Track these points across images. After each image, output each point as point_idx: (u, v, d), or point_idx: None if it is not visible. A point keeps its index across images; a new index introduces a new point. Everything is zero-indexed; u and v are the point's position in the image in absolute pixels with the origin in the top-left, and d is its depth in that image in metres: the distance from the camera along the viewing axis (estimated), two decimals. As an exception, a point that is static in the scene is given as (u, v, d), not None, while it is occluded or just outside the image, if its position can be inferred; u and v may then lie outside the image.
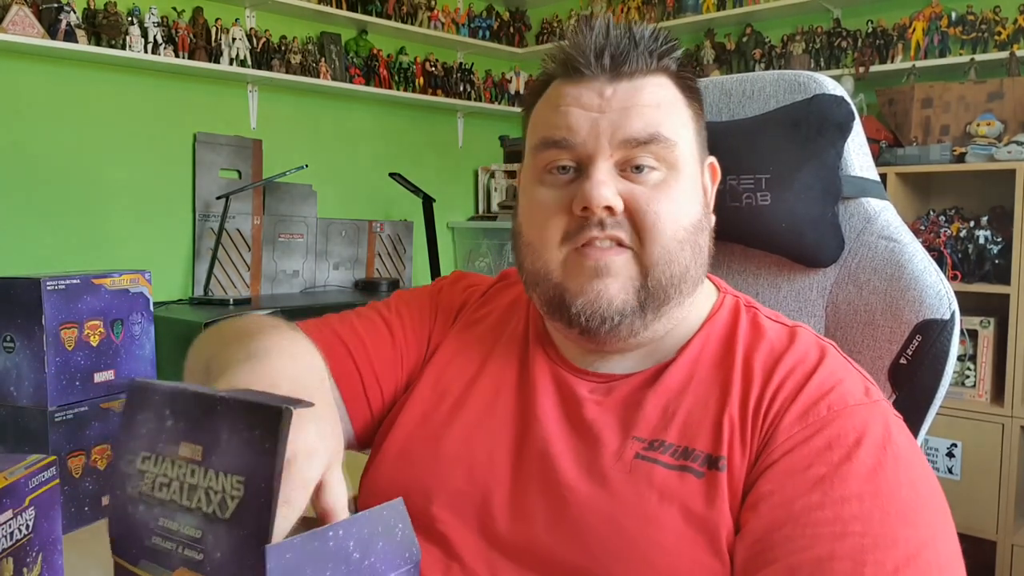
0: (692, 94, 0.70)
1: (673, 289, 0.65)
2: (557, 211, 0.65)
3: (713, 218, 0.71)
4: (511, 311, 0.79)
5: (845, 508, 0.54)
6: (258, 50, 2.74)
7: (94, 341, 0.91)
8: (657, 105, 0.65)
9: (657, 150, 0.64)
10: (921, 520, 0.55)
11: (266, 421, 0.40)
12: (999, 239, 2.18)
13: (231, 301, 2.46)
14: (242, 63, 2.67)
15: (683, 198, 0.66)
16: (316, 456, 0.46)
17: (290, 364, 0.59)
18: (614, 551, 0.60)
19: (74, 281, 0.88)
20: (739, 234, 0.87)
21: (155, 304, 1.02)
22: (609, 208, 0.63)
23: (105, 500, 0.93)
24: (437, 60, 3.33)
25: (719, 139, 0.88)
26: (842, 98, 0.85)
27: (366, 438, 0.77)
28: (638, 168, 0.64)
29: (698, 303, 0.71)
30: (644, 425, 0.65)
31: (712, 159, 0.73)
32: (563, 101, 0.66)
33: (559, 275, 0.66)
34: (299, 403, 0.40)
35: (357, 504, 0.74)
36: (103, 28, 2.35)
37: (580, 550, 0.60)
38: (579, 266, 0.65)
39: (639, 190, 0.64)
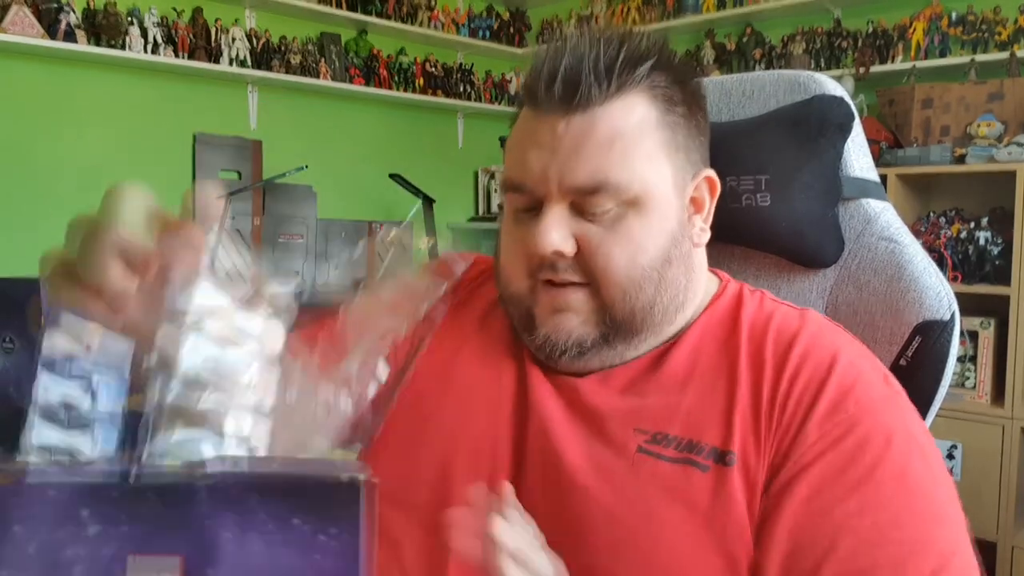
0: (676, 104, 0.65)
1: (639, 323, 0.65)
2: (522, 249, 0.66)
3: (707, 234, 0.70)
4: (496, 307, 0.77)
5: (882, 514, 0.55)
6: (258, 50, 2.74)
7: (94, 342, 0.91)
8: (611, 142, 0.61)
9: (608, 196, 0.62)
10: (949, 517, 0.56)
11: (322, 501, 0.26)
12: (999, 240, 2.18)
13: (231, 301, 2.46)
14: (242, 63, 2.67)
15: (643, 235, 0.63)
16: None
17: None
18: (616, 549, 0.59)
19: (74, 282, 0.88)
20: (739, 235, 0.87)
21: (155, 305, 1.02)
22: (558, 252, 0.62)
23: (104, 501, 0.93)
24: (437, 60, 3.33)
25: (719, 140, 0.87)
26: (842, 98, 0.85)
27: None
28: (592, 210, 0.63)
29: (696, 301, 0.70)
30: (647, 416, 0.63)
31: (709, 172, 0.69)
32: (522, 137, 0.66)
33: (529, 300, 0.67)
34: (360, 468, 0.28)
35: None
36: (103, 28, 2.35)
37: (581, 547, 0.60)
38: (542, 298, 0.65)
39: (592, 231, 0.63)
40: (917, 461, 0.58)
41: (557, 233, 0.62)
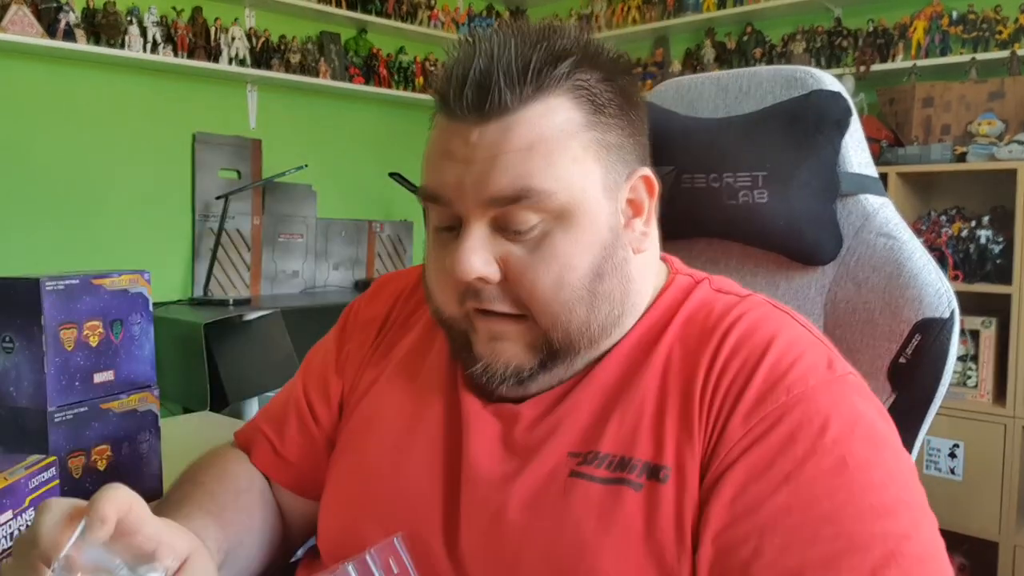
0: (603, 104, 0.59)
1: (576, 343, 0.60)
2: (447, 273, 0.60)
3: (650, 237, 0.65)
4: (425, 332, 0.73)
5: (814, 510, 0.50)
6: (257, 49, 2.74)
7: (93, 341, 0.91)
8: (531, 147, 0.56)
9: (531, 205, 0.56)
10: (900, 509, 0.51)
11: None
12: (1000, 239, 2.18)
13: (231, 301, 2.46)
14: (241, 63, 2.67)
15: (570, 252, 0.58)
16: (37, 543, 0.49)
17: None
18: None
19: (73, 281, 0.88)
20: (736, 232, 0.87)
21: (155, 304, 1.02)
22: (482, 279, 0.58)
23: (104, 500, 0.93)
24: (437, 60, 3.33)
25: (715, 136, 0.87)
26: (839, 94, 0.84)
27: None
28: (517, 229, 0.58)
29: (637, 305, 0.64)
30: (577, 435, 0.60)
31: (645, 171, 0.63)
32: (437, 148, 0.60)
33: (465, 326, 0.62)
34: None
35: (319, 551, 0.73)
36: (102, 27, 2.35)
37: None
38: (478, 326, 0.61)
39: (515, 255, 0.58)
40: (859, 446, 0.52)
41: (478, 257, 0.57)
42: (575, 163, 0.58)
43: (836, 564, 0.48)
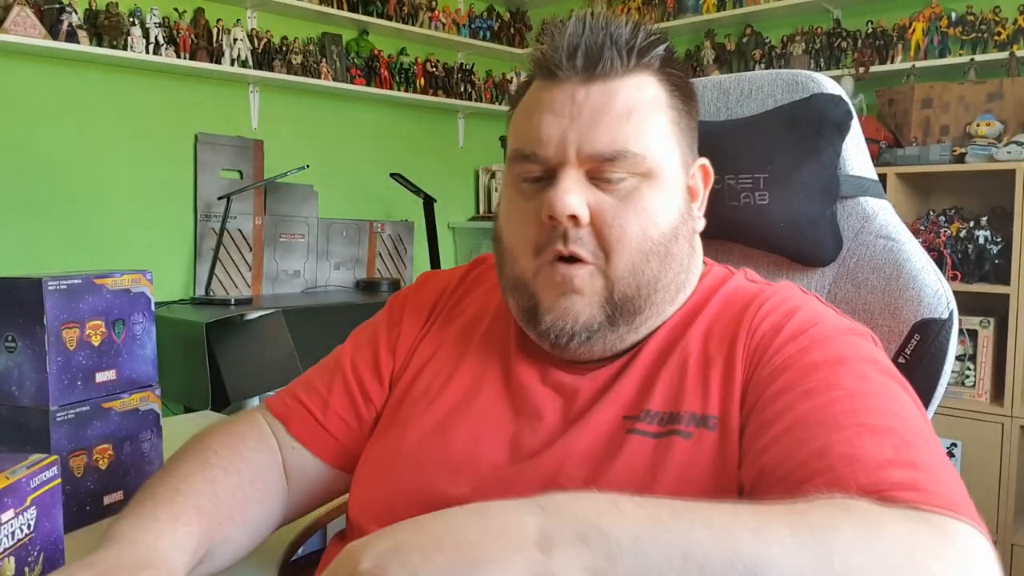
0: (679, 92, 0.68)
1: (643, 300, 0.65)
2: (530, 221, 0.65)
3: (702, 221, 0.71)
4: (488, 301, 0.78)
5: (835, 407, 0.54)
6: (259, 51, 2.74)
7: (95, 341, 0.91)
8: (629, 113, 0.64)
9: (625, 165, 0.63)
10: (911, 418, 0.55)
11: None
12: (999, 239, 2.18)
13: (232, 301, 2.47)
14: (243, 64, 2.68)
15: (655, 207, 0.65)
16: None
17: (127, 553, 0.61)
18: None
19: (75, 281, 0.89)
20: (737, 233, 0.87)
21: (156, 304, 1.02)
22: (574, 218, 0.63)
23: (107, 499, 0.93)
24: (438, 61, 3.33)
25: (717, 138, 0.88)
26: (840, 97, 0.85)
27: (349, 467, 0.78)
28: (608, 179, 0.64)
29: (693, 282, 0.71)
30: (628, 400, 0.65)
31: (704, 161, 0.72)
32: (537, 107, 0.66)
33: (534, 284, 0.66)
34: None
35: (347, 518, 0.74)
36: (104, 29, 2.36)
37: None
38: (549, 280, 0.65)
39: (607, 202, 0.64)
40: (877, 376, 0.57)
41: (575, 196, 0.62)
42: (661, 135, 0.65)
43: (861, 440, 0.51)
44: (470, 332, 0.76)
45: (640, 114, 0.64)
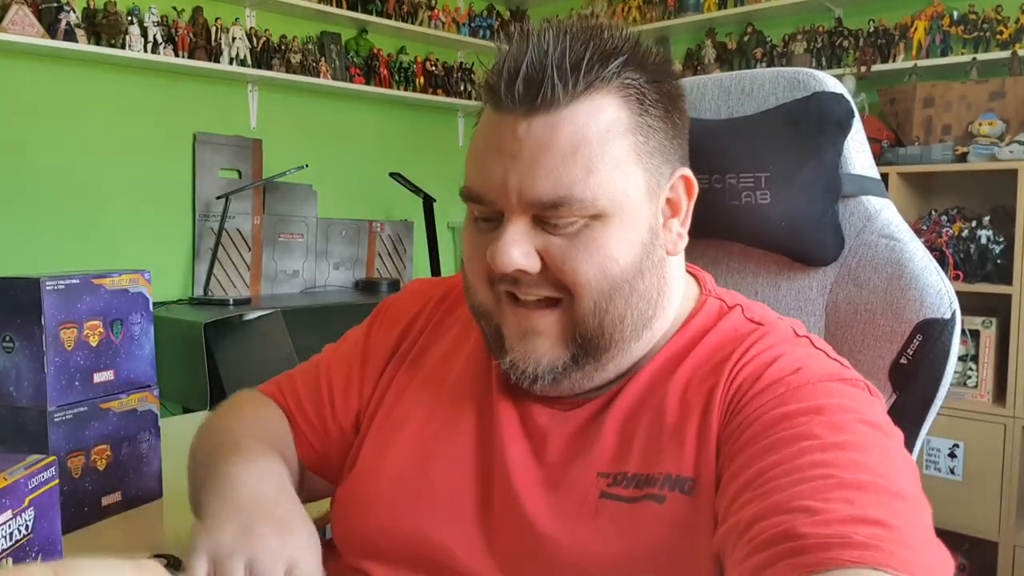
0: (649, 104, 0.60)
1: (607, 339, 0.61)
2: (482, 256, 0.61)
3: (684, 240, 0.65)
4: (470, 327, 0.73)
5: (804, 459, 0.49)
6: (258, 49, 2.74)
7: (93, 341, 0.91)
8: (575, 151, 0.57)
9: (571, 211, 0.57)
10: (894, 478, 0.49)
11: None
12: (1001, 239, 2.18)
13: (231, 301, 2.46)
14: (242, 63, 2.67)
15: (611, 245, 0.59)
16: (234, 556, 0.54)
17: (254, 486, 0.63)
18: None
19: (73, 281, 0.88)
20: (739, 233, 0.87)
21: (155, 304, 1.02)
22: (521, 271, 0.59)
23: (105, 500, 0.93)
24: (437, 60, 3.33)
25: (718, 137, 0.87)
26: (842, 95, 0.84)
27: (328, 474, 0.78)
28: (555, 224, 0.59)
29: (666, 316, 0.66)
30: (606, 456, 0.61)
31: (684, 171, 0.64)
32: (483, 141, 0.61)
33: (497, 316, 0.64)
34: None
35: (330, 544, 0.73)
36: (103, 28, 2.35)
37: None
38: (510, 317, 0.62)
39: (555, 245, 0.59)
40: (860, 428, 0.52)
41: (518, 250, 0.58)
42: (617, 169, 0.58)
43: (826, 494, 0.47)
44: (451, 358, 0.73)
45: (589, 149, 0.57)
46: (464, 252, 0.66)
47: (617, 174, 0.58)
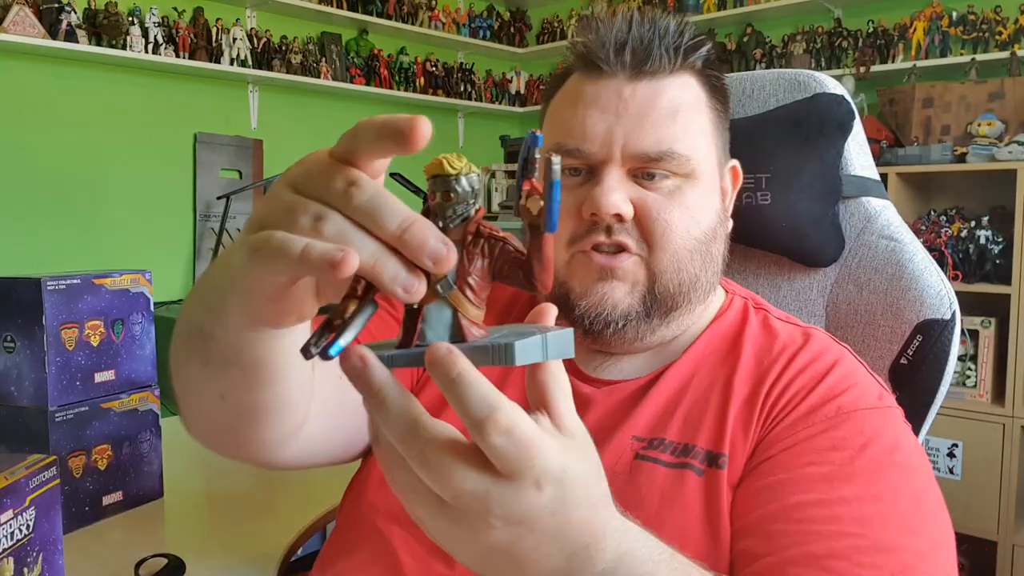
0: (718, 94, 0.68)
1: (681, 297, 0.64)
2: (566, 213, 0.64)
3: (730, 223, 0.70)
4: (511, 305, 0.76)
5: (843, 508, 0.53)
6: (259, 50, 2.74)
7: (95, 341, 0.91)
8: (675, 113, 0.63)
9: (670, 165, 0.63)
10: (922, 531, 0.54)
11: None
12: (1000, 239, 2.18)
13: (232, 301, 2.46)
14: (243, 63, 2.67)
15: (697, 207, 0.64)
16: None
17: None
18: None
19: (75, 281, 0.88)
20: (739, 234, 0.86)
21: (156, 304, 1.02)
22: (618, 215, 0.62)
23: (106, 500, 0.93)
24: (438, 60, 3.33)
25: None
26: (842, 97, 0.85)
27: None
28: (651, 175, 0.63)
29: (719, 293, 0.71)
30: (643, 423, 0.64)
31: (735, 162, 0.71)
32: (580, 101, 0.65)
33: (564, 274, 0.65)
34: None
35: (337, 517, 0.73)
36: (104, 28, 2.35)
37: None
38: (585, 267, 0.64)
39: (651, 197, 0.63)
40: (895, 471, 0.57)
41: (619, 195, 0.62)
42: (703, 137, 0.66)
43: (859, 558, 0.51)
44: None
45: (685, 114, 0.64)
46: None
47: (703, 141, 0.65)
